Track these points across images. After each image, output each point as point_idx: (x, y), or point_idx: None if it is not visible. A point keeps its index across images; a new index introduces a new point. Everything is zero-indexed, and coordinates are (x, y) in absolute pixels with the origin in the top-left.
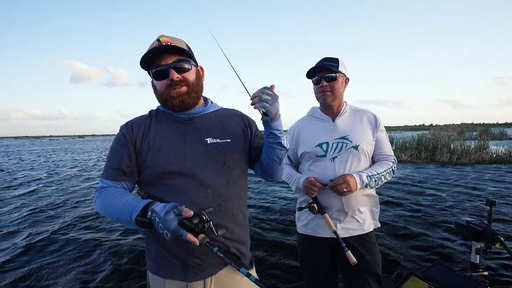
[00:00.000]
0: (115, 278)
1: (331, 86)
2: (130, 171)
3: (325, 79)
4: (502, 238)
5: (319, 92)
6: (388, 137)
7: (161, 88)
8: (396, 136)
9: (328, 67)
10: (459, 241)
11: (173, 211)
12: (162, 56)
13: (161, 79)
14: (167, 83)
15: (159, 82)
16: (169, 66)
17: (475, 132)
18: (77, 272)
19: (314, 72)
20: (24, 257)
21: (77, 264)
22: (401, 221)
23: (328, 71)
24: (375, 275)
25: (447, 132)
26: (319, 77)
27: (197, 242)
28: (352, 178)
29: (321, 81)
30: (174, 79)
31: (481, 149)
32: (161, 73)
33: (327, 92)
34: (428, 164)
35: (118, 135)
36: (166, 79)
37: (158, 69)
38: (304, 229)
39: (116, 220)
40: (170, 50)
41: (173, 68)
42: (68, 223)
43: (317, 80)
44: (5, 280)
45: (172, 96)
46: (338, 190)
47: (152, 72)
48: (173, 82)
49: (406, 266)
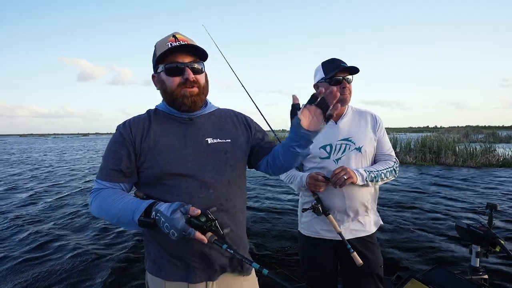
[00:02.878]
0: (111, 280)
1: (350, 89)
2: (129, 172)
3: (346, 81)
4: (503, 242)
5: (341, 94)
6: (392, 139)
7: (173, 85)
8: (400, 137)
9: (354, 69)
10: (460, 244)
11: (179, 210)
12: (179, 53)
13: (174, 76)
14: (181, 81)
15: (171, 78)
16: (185, 65)
17: (481, 134)
18: (71, 274)
19: (335, 70)
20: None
21: (71, 266)
22: (402, 223)
23: (350, 73)
24: (377, 276)
25: (452, 134)
26: (341, 77)
27: (205, 240)
28: (349, 168)
29: (343, 82)
30: (190, 78)
31: (487, 152)
32: (176, 70)
33: (348, 95)
34: (433, 166)
35: (115, 134)
36: (180, 76)
37: (175, 66)
38: (307, 231)
39: (116, 222)
40: (189, 49)
41: (189, 68)
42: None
43: (337, 80)
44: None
45: (185, 95)
46: (338, 178)
47: (166, 67)
48: (188, 81)
49: (406, 268)
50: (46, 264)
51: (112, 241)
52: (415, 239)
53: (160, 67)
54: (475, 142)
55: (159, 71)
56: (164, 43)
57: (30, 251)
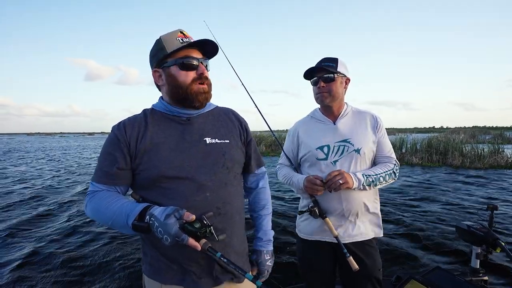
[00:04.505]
0: (109, 281)
1: (328, 88)
2: (124, 174)
3: (322, 80)
4: (503, 243)
5: (317, 93)
6: (398, 139)
7: (187, 79)
8: (405, 138)
9: (325, 67)
10: (460, 245)
11: (174, 215)
12: (192, 49)
13: (188, 70)
14: (194, 76)
15: (186, 73)
16: (199, 60)
17: (488, 135)
18: (70, 275)
19: (312, 73)
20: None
21: (71, 266)
22: (403, 223)
23: (325, 72)
24: (375, 280)
25: (458, 135)
26: (317, 78)
27: (198, 247)
28: (346, 172)
29: (319, 82)
30: (205, 73)
31: (496, 153)
32: (191, 65)
33: (325, 93)
34: (440, 167)
35: (110, 136)
36: (194, 71)
37: (191, 61)
38: (304, 234)
39: (110, 225)
40: (200, 46)
41: (202, 64)
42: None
43: (315, 81)
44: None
45: (200, 91)
46: (333, 182)
47: (182, 62)
48: (203, 76)
49: (405, 269)
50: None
51: (109, 241)
52: (415, 239)
53: (170, 61)
54: (483, 143)
55: (168, 65)
56: (174, 38)
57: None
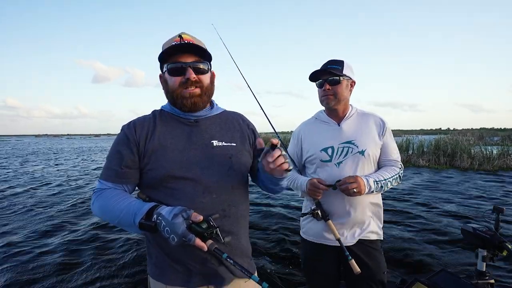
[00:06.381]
0: (114, 282)
1: (334, 90)
2: (132, 173)
3: (328, 82)
4: (510, 246)
5: (322, 96)
6: (405, 141)
7: (174, 85)
8: (412, 140)
9: (331, 70)
10: (466, 248)
11: (181, 215)
12: (182, 53)
13: (175, 76)
14: (182, 80)
15: (173, 78)
16: (187, 64)
17: (496, 137)
18: (72, 274)
19: (317, 75)
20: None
21: (73, 266)
22: (408, 226)
23: (331, 74)
24: (379, 283)
25: (466, 137)
26: (322, 80)
27: (205, 248)
28: (361, 179)
29: (324, 85)
30: (191, 78)
31: (505, 155)
32: (177, 70)
33: (330, 96)
34: (448, 169)
35: (119, 135)
36: (181, 76)
37: (177, 66)
38: (308, 236)
39: (117, 224)
40: (192, 49)
41: (191, 68)
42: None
43: (320, 84)
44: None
45: (184, 96)
46: (347, 189)
47: (168, 67)
48: (189, 81)
49: (411, 272)
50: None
51: (115, 242)
52: (420, 242)
53: (164, 67)
54: (491, 145)
55: (163, 71)
56: (169, 43)
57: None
